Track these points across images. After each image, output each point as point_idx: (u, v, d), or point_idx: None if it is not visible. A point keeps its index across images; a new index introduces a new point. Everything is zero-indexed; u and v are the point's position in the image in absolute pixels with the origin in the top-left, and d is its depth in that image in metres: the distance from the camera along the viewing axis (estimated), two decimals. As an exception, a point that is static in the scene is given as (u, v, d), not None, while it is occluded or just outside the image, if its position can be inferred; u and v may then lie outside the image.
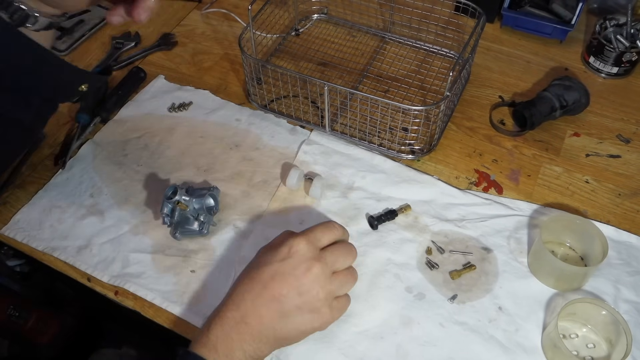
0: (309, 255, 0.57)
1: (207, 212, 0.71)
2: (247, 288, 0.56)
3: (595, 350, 0.63)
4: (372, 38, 0.99)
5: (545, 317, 0.65)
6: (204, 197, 0.71)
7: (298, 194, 0.78)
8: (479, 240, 0.72)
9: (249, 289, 0.56)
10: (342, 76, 0.93)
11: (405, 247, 0.72)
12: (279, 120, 0.87)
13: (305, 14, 1.02)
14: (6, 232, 0.74)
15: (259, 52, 0.93)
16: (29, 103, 0.63)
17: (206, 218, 0.71)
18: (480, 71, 0.94)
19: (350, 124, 0.82)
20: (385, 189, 0.77)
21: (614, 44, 0.89)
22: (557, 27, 0.96)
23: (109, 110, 0.87)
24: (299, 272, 0.56)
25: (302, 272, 0.56)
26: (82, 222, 0.75)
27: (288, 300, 0.56)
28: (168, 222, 0.71)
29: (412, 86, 0.90)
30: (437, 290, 0.68)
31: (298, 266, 0.56)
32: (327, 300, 0.57)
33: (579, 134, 0.85)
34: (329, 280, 0.57)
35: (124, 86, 0.90)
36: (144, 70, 0.93)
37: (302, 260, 0.56)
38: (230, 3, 1.07)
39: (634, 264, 0.70)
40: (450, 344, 0.63)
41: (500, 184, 0.79)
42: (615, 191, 0.78)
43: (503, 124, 0.86)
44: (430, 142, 0.82)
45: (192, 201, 0.70)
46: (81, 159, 0.82)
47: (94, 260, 0.71)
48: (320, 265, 0.57)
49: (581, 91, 0.83)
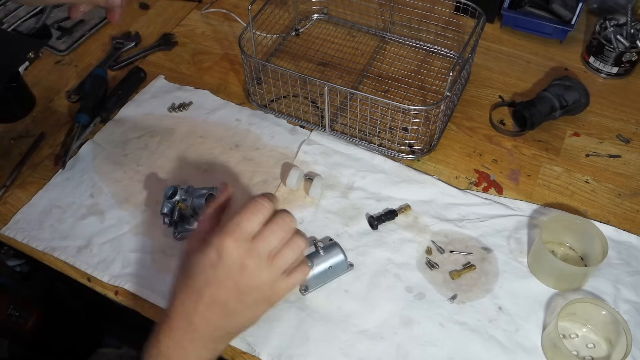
0: (239, 254, 0.52)
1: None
2: (186, 297, 0.54)
3: (595, 350, 0.63)
4: (372, 38, 0.99)
5: (545, 317, 0.65)
6: (204, 196, 0.71)
7: (298, 194, 0.78)
8: (479, 240, 0.72)
9: (188, 298, 0.54)
10: (342, 76, 0.93)
11: (405, 247, 0.72)
12: (279, 120, 0.87)
13: (305, 14, 1.02)
14: (6, 232, 0.74)
15: (259, 52, 0.93)
16: None
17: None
18: (480, 71, 0.94)
19: (350, 124, 0.82)
20: (385, 189, 0.77)
21: (614, 44, 0.89)
22: (557, 27, 0.96)
23: (109, 110, 0.87)
24: (234, 275, 0.53)
25: (237, 273, 0.53)
26: (82, 222, 0.75)
27: (230, 301, 0.53)
28: (168, 222, 0.71)
29: (412, 86, 0.90)
30: (437, 290, 0.68)
31: (231, 269, 0.52)
32: (270, 286, 0.54)
33: (579, 134, 0.85)
34: (266, 269, 0.54)
35: (124, 86, 0.90)
36: (144, 70, 0.93)
37: (234, 261, 0.52)
38: (230, 3, 1.07)
39: (634, 264, 0.70)
40: (450, 344, 0.63)
41: (500, 184, 0.79)
42: (615, 191, 0.78)
43: (503, 124, 0.86)
44: (430, 142, 0.82)
45: (192, 201, 0.70)
46: (81, 159, 0.82)
47: (94, 260, 0.71)
48: (255, 261, 0.53)
49: (581, 91, 0.83)
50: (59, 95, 0.92)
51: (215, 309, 0.53)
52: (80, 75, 0.94)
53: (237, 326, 0.56)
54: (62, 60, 0.98)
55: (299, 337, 0.64)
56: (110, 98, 0.88)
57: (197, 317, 0.53)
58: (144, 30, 1.02)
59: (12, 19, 1.01)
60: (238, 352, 0.64)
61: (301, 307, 0.66)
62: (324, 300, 0.67)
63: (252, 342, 0.63)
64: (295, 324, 0.65)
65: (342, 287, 0.68)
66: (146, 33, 1.02)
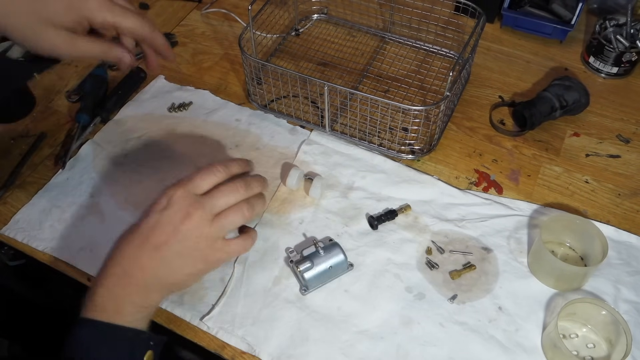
0: (186, 203, 0.56)
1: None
2: (127, 242, 0.56)
3: (595, 350, 0.63)
4: (372, 38, 0.99)
5: (545, 317, 0.65)
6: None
7: (298, 194, 0.78)
8: (479, 240, 0.72)
9: (130, 242, 0.56)
10: (342, 76, 0.93)
11: (405, 247, 0.72)
12: (279, 120, 0.87)
13: (305, 14, 1.02)
14: (6, 232, 0.74)
15: (259, 52, 0.93)
16: None
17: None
18: (480, 71, 0.94)
19: (350, 124, 0.82)
20: (385, 189, 0.77)
21: (613, 44, 0.89)
22: (557, 27, 0.96)
23: (109, 110, 0.87)
24: (176, 221, 0.55)
25: (180, 220, 0.55)
26: (82, 222, 0.75)
27: (168, 247, 0.55)
28: None
29: (412, 86, 0.90)
30: (437, 290, 0.68)
31: (175, 215, 0.55)
32: (208, 243, 0.57)
33: (579, 134, 0.85)
34: (208, 224, 0.56)
35: (124, 86, 0.90)
36: (144, 70, 0.93)
37: (180, 208, 0.55)
38: (230, 3, 1.07)
39: (633, 264, 0.70)
40: (450, 344, 0.63)
41: (500, 184, 0.79)
42: (615, 191, 0.78)
43: (503, 124, 0.86)
44: (430, 142, 0.82)
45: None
46: (81, 159, 0.82)
47: (94, 260, 0.71)
48: (199, 212, 0.56)
49: (581, 91, 0.83)
50: (59, 95, 0.92)
51: (153, 256, 0.55)
52: (80, 75, 0.94)
53: (171, 280, 0.57)
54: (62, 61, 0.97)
55: (299, 337, 0.64)
56: (110, 98, 0.88)
57: (133, 263, 0.55)
58: (144, 30, 1.02)
59: None
60: (238, 352, 0.64)
61: (301, 307, 0.66)
62: (324, 300, 0.67)
63: (252, 342, 0.63)
64: (295, 324, 0.65)
65: (342, 287, 0.68)
66: (146, 33, 1.02)
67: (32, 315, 0.99)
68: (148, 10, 1.07)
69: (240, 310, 0.66)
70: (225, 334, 0.64)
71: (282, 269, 0.70)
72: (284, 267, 0.70)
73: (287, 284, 0.68)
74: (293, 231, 0.73)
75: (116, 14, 0.60)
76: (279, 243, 0.72)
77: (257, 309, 0.66)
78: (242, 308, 0.66)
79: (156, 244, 0.55)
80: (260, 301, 0.67)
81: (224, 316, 0.66)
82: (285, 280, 0.69)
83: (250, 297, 0.67)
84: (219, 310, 0.66)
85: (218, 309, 0.66)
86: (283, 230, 0.73)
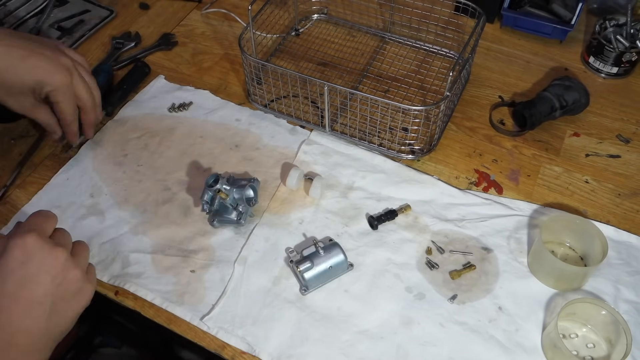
0: (47, 247, 0.52)
1: (247, 202, 0.71)
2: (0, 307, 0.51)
3: (595, 350, 0.63)
4: (372, 38, 0.99)
5: (545, 317, 0.65)
6: (244, 187, 0.71)
7: (298, 194, 0.78)
8: (479, 240, 0.72)
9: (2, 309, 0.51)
10: (342, 76, 0.93)
11: (405, 247, 0.72)
12: (279, 120, 0.87)
13: (305, 14, 1.02)
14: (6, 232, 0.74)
15: (259, 52, 0.93)
16: None
17: (245, 208, 0.71)
18: (480, 71, 0.94)
19: (350, 124, 0.82)
20: (385, 189, 0.77)
21: (613, 44, 0.89)
22: (557, 27, 0.96)
23: (114, 104, 0.87)
24: (47, 267, 0.52)
25: (51, 265, 0.52)
26: (82, 222, 0.75)
27: (49, 298, 0.52)
28: (207, 210, 0.72)
29: (412, 86, 0.90)
30: (437, 290, 0.68)
31: (43, 262, 0.52)
32: (82, 277, 0.55)
33: (579, 134, 0.85)
34: (74, 260, 0.55)
35: (128, 81, 0.90)
36: (149, 65, 0.93)
37: (44, 254, 0.52)
38: (230, 3, 1.07)
39: (633, 264, 0.70)
40: (450, 344, 0.63)
41: (500, 184, 0.79)
42: (615, 191, 0.78)
43: (503, 124, 0.86)
44: (430, 142, 0.82)
45: (233, 191, 0.70)
46: (81, 159, 0.82)
47: (94, 261, 0.71)
48: (63, 252, 0.53)
49: (581, 91, 0.83)
50: (59, 95, 0.92)
51: (34, 314, 0.51)
52: (80, 75, 0.94)
53: (59, 329, 0.54)
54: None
55: (299, 337, 0.64)
56: (114, 92, 0.88)
57: (16, 329, 0.50)
58: (144, 30, 1.02)
59: (12, 19, 1.01)
60: (238, 352, 0.64)
61: (301, 307, 0.66)
62: (324, 300, 0.67)
63: (252, 342, 0.64)
64: (295, 324, 0.65)
65: (342, 287, 0.68)
66: (146, 33, 1.02)
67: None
68: (148, 10, 1.07)
69: (240, 310, 0.66)
70: (225, 334, 0.64)
71: (282, 269, 0.70)
72: (284, 267, 0.70)
73: (287, 284, 0.68)
74: (293, 231, 0.73)
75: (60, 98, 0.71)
76: (279, 243, 0.72)
77: (257, 309, 0.66)
78: (242, 308, 0.66)
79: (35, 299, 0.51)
80: (260, 301, 0.67)
81: (224, 316, 0.66)
82: (285, 280, 0.69)
83: (250, 297, 0.67)
84: (219, 310, 0.66)
85: (218, 309, 0.66)
86: (283, 230, 0.73)
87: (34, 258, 0.52)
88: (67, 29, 1.01)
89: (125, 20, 1.04)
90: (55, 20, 1.03)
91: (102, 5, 1.06)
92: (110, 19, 1.04)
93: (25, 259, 0.51)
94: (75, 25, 1.02)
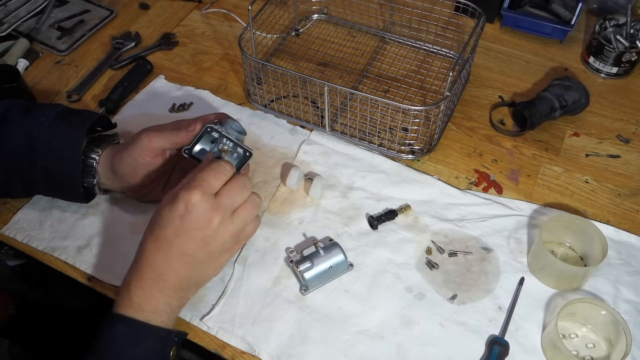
0: (206, 207, 0.57)
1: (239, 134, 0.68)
2: (155, 247, 0.57)
3: (594, 350, 0.63)
4: (372, 38, 0.99)
5: (545, 317, 0.65)
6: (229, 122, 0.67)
7: (298, 194, 0.78)
8: (479, 240, 0.72)
9: (158, 248, 0.57)
10: (342, 76, 0.93)
11: (405, 247, 0.72)
12: (279, 120, 0.87)
13: (305, 14, 1.02)
14: (6, 232, 0.74)
15: (259, 52, 0.93)
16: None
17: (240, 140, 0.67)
18: (480, 71, 0.94)
19: (350, 124, 0.82)
20: (385, 189, 0.77)
21: (613, 44, 0.89)
22: (557, 27, 0.96)
23: (116, 102, 0.87)
24: (200, 225, 0.57)
25: (204, 225, 0.57)
26: (82, 222, 0.75)
27: (197, 252, 0.57)
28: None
29: (412, 86, 0.90)
30: (437, 290, 0.68)
31: (198, 220, 0.56)
32: (233, 238, 0.60)
33: (579, 134, 0.85)
34: (230, 222, 0.59)
35: (130, 77, 0.90)
36: (151, 63, 0.93)
37: (201, 213, 0.56)
38: (230, 3, 1.07)
39: (633, 264, 0.70)
40: (450, 344, 0.63)
41: (500, 184, 0.79)
42: (615, 191, 0.78)
43: (503, 124, 0.86)
44: (430, 142, 0.82)
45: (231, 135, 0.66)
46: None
47: (94, 260, 0.71)
48: (219, 214, 0.57)
49: (581, 91, 0.83)
50: (59, 95, 0.92)
51: (184, 260, 0.57)
52: (80, 75, 0.94)
53: (203, 276, 0.61)
54: (62, 61, 0.98)
55: (299, 337, 0.64)
56: (116, 90, 0.88)
57: (166, 268, 0.57)
58: (144, 30, 1.02)
59: (12, 19, 1.01)
60: (238, 352, 0.64)
61: (301, 307, 0.66)
62: (324, 300, 0.67)
63: (252, 342, 0.64)
64: (295, 324, 0.65)
65: (342, 287, 0.68)
66: (146, 33, 1.02)
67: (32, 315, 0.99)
68: (148, 10, 1.07)
69: (240, 310, 0.66)
70: (225, 334, 0.64)
71: (282, 269, 0.70)
72: (284, 267, 0.70)
73: (287, 284, 0.68)
74: (293, 231, 0.73)
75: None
76: (279, 243, 0.72)
77: (257, 309, 0.66)
78: (242, 308, 0.66)
79: (184, 250, 0.57)
80: (260, 301, 0.67)
81: (224, 316, 0.66)
82: (285, 280, 0.69)
83: (250, 297, 0.67)
84: (219, 310, 0.66)
85: (218, 308, 0.66)
86: (283, 230, 0.73)
87: (192, 214, 0.56)
88: (67, 29, 1.01)
89: (125, 20, 1.04)
90: (55, 20, 1.03)
91: (102, 5, 1.06)
92: (111, 19, 1.04)
93: (184, 213, 0.56)
94: (76, 25, 1.02)
